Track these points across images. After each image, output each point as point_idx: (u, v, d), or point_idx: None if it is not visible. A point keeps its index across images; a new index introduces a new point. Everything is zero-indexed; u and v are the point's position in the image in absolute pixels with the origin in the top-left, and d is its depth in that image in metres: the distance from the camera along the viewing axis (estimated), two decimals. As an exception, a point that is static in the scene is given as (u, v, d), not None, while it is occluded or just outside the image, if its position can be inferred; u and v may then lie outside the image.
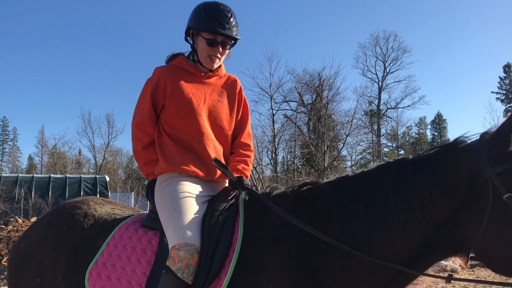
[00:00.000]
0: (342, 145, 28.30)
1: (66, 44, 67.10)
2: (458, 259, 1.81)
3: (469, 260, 1.75)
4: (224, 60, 2.46)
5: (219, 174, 2.29)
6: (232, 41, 2.36)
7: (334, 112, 33.71)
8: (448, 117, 57.92)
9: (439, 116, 53.40)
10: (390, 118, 43.28)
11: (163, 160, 2.26)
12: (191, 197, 2.13)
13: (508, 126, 1.64)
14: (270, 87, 28.47)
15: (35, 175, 17.83)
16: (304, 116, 35.58)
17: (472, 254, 1.68)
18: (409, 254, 1.73)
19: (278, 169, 28.71)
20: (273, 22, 64.41)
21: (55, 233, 2.40)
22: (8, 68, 66.60)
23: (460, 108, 66.46)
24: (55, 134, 73.38)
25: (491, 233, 1.60)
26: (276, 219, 1.95)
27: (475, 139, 1.74)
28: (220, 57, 2.35)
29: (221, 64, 2.47)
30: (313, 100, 34.96)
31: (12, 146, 57.42)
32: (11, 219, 11.07)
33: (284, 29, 64.11)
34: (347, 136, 27.18)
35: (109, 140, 44.11)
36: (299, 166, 26.89)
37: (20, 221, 10.87)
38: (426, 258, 1.75)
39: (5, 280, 8.47)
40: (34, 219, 10.04)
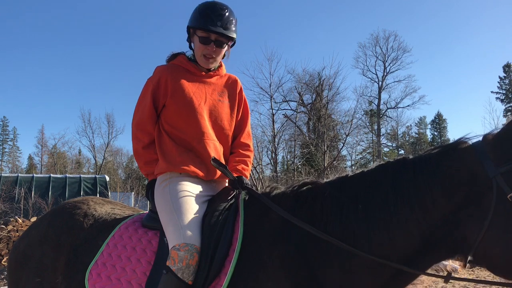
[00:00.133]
0: (342, 145, 28.33)
1: (66, 44, 67.23)
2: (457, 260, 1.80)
3: (467, 264, 1.75)
4: (223, 61, 2.45)
5: (219, 174, 2.28)
6: (228, 40, 2.32)
7: (334, 112, 33.77)
8: (448, 117, 57.97)
9: (439, 116, 53.40)
10: (390, 118, 43.30)
11: (163, 160, 2.26)
12: (191, 197, 2.13)
13: None
14: (270, 87, 28.54)
15: (35, 175, 17.79)
16: (304, 116, 35.62)
17: (470, 258, 1.67)
18: (408, 254, 1.73)
19: (278, 169, 28.73)
20: (273, 22, 64.49)
21: (55, 233, 2.40)
22: (8, 68, 66.70)
23: (460, 108, 66.57)
24: (55, 134, 73.51)
25: (493, 232, 1.59)
26: (276, 218, 1.95)
27: (478, 139, 1.73)
28: (214, 56, 2.32)
29: (221, 64, 2.46)
30: (313, 100, 34.98)
31: (12, 146, 57.48)
32: (11, 219, 11.06)
33: (284, 28, 64.17)
34: (347, 136, 27.19)
35: (109, 140, 44.19)
36: (299, 166, 26.90)
37: (20, 221, 10.87)
38: (425, 258, 1.75)
39: (5, 280, 8.46)
40: (34, 219, 10.04)
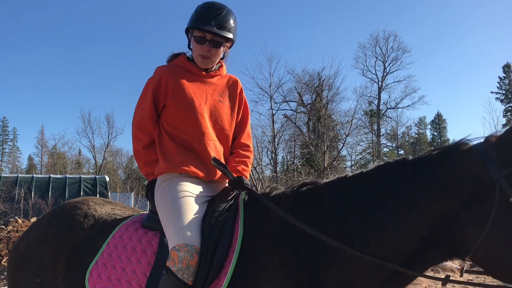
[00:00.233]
0: (342, 145, 28.28)
1: (66, 44, 67.11)
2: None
3: (464, 270, 1.75)
4: (223, 61, 2.46)
5: (219, 174, 2.28)
6: (225, 40, 2.31)
7: (333, 112, 33.80)
8: (447, 117, 58.02)
9: (438, 116, 53.38)
10: (390, 118, 43.32)
11: (163, 160, 2.26)
12: (191, 197, 2.13)
13: None
14: (270, 87, 28.56)
15: (35, 175, 17.77)
16: (304, 116, 35.64)
17: (469, 262, 1.67)
18: (407, 254, 1.73)
19: (278, 169, 28.75)
20: (272, 22, 64.46)
21: (55, 233, 2.40)
22: (8, 68, 66.61)
23: (459, 108, 66.52)
24: (55, 134, 73.22)
25: (494, 235, 1.58)
26: (275, 219, 1.95)
27: (479, 141, 1.72)
28: (209, 56, 2.31)
29: (222, 64, 2.46)
30: (312, 100, 34.99)
31: (12, 146, 57.46)
32: (11, 220, 11.06)
33: (283, 29, 64.12)
34: (346, 136, 27.16)
35: (109, 140, 44.10)
36: (299, 166, 26.90)
37: (20, 221, 10.87)
38: (423, 259, 1.75)
39: (5, 281, 8.46)
40: (34, 220, 10.04)
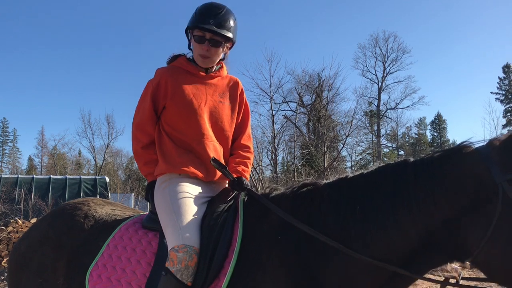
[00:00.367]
0: (342, 145, 28.23)
1: (66, 45, 67.13)
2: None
3: (461, 275, 1.74)
4: (224, 62, 2.46)
5: (219, 175, 2.29)
6: (224, 40, 2.31)
7: (333, 113, 33.80)
8: (447, 117, 58.04)
9: (438, 116, 53.34)
10: (390, 118, 43.33)
11: (162, 161, 2.27)
12: (190, 198, 2.13)
13: None
14: (270, 87, 28.54)
15: (35, 176, 17.78)
16: (303, 117, 35.64)
17: (469, 263, 1.66)
18: (405, 255, 1.72)
19: (278, 169, 28.72)
20: (272, 22, 64.49)
21: (56, 234, 2.40)
22: (8, 69, 66.63)
23: (459, 109, 66.58)
24: (55, 135, 73.32)
25: (497, 238, 1.57)
26: (275, 219, 1.95)
27: (482, 144, 1.70)
28: (209, 56, 2.31)
29: (223, 65, 2.46)
30: (312, 100, 35.01)
31: (12, 147, 57.42)
32: (11, 220, 11.05)
33: (283, 29, 64.18)
34: (347, 136, 27.13)
35: (109, 141, 44.03)
36: (299, 167, 26.88)
37: (20, 222, 10.85)
38: (423, 261, 1.74)
39: (5, 282, 8.46)
40: (34, 220, 10.03)
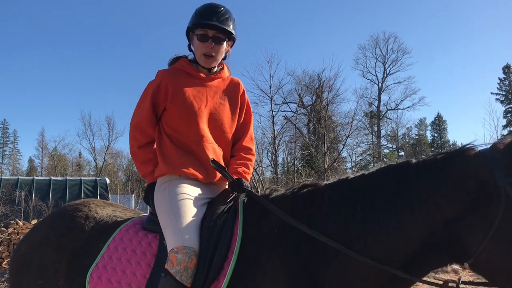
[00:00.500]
0: (342, 146, 28.17)
1: (66, 45, 67.16)
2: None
3: (461, 279, 1.75)
4: (226, 62, 2.46)
5: (218, 176, 2.29)
6: (226, 36, 2.32)
7: (334, 114, 33.71)
8: (448, 118, 57.88)
9: (439, 117, 53.28)
10: (390, 119, 43.35)
11: (162, 163, 2.27)
12: (190, 199, 2.14)
13: None
14: (270, 88, 28.45)
15: (35, 178, 17.79)
16: (304, 118, 35.59)
17: (469, 265, 1.65)
18: (407, 256, 1.73)
19: (278, 170, 28.67)
20: (272, 23, 64.54)
21: (56, 235, 2.41)
22: (8, 70, 66.63)
23: (460, 109, 66.55)
24: (55, 137, 73.13)
25: (498, 241, 1.58)
26: (275, 220, 1.95)
27: (486, 147, 1.70)
28: (214, 54, 2.31)
29: (224, 66, 2.46)
30: (313, 101, 34.95)
31: (12, 149, 57.47)
32: (12, 222, 11.03)
33: (283, 30, 64.21)
34: (347, 137, 27.06)
35: (109, 142, 43.93)
36: (299, 168, 26.84)
37: (21, 223, 10.85)
38: (424, 263, 1.74)
39: (6, 283, 8.46)
40: (34, 222, 10.04)
